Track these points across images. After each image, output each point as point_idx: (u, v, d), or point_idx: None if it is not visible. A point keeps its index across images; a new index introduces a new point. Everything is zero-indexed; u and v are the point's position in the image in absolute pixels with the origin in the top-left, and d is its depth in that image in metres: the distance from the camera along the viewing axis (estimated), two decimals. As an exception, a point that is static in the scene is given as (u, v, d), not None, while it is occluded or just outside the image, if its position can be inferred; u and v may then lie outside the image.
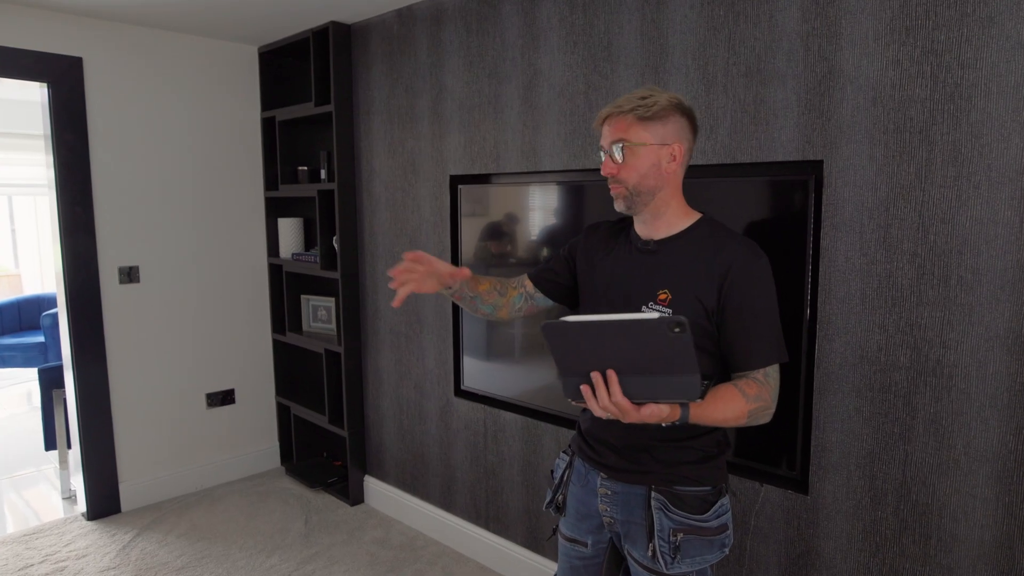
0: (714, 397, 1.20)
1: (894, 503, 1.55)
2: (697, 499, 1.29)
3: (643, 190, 1.26)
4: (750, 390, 1.22)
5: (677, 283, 1.27)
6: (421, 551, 2.64)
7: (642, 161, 1.25)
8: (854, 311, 1.57)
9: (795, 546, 1.72)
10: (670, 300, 1.27)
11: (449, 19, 2.42)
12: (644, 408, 1.08)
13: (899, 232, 1.49)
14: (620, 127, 1.25)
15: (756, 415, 1.23)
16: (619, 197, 1.30)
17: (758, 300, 1.24)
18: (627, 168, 1.26)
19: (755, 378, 1.23)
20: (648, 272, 1.31)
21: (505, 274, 2.14)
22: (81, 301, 2.80)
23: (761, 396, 1.23)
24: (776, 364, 1.25)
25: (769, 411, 1.24)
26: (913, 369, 1.50)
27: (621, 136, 1.25)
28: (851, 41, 1.52)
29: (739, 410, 1.21)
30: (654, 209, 1.29)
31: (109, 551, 2.63)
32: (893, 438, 1.54)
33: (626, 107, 1.24)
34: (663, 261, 1.30)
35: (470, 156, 2.41)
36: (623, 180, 1.27)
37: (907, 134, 1.47)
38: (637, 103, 1.23)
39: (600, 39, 1.98)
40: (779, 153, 1.66)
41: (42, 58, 2.63)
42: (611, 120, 1.27)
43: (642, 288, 1.30)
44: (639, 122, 1.24)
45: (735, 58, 1.71)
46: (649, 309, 1.27)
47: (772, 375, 1.25)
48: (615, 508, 1.36)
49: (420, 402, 2.75)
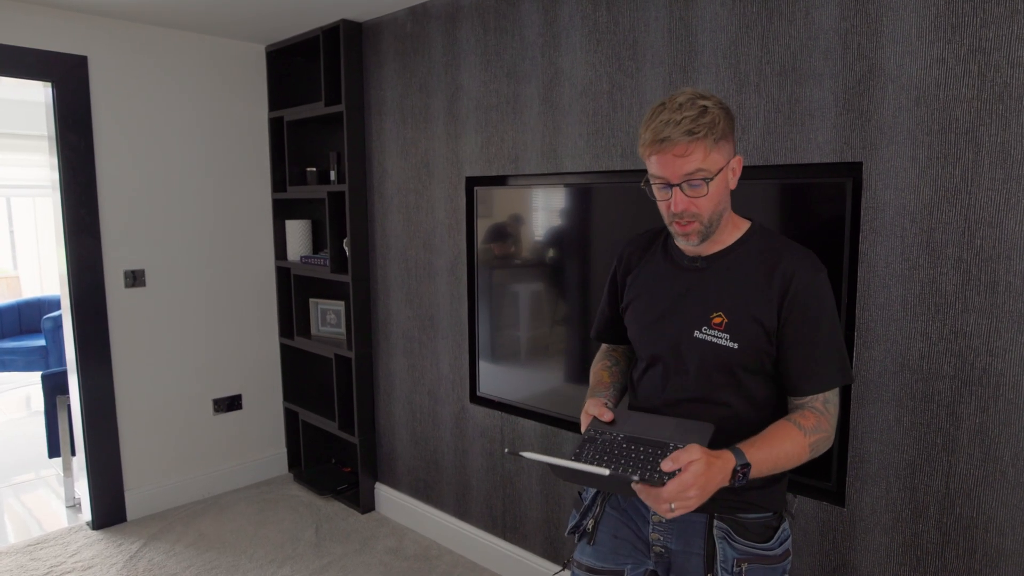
0: (768, 436, 1.10)
1: (936, 516, 1.50)
2: (761, 526, 1.21)
3: (716, 217, 1.15)
4: (807, 422, 1.12)
5: (732, 303, 1.16)
6: (436, 561, 2.58)
7: (719, 188, 1.12)
8: (895, 318, 1.52)
9: (830, 559, 1.67)
10: (726, 324, 1.16)
11: (465, 17, 2.36)
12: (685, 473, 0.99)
13: (943, 236, 1.44)
14: (697, 157, 1.08)
15: (817, 447, 1.14)
16: (692, 234, 1.14)
17: (821, 317, 1.14)
18: (707, 200, 1.11)
19: (813, 407, 1.14)
20: (699, 293, 1.19)
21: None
22: (86, 305, 2.74)
23: (820, 427, 1.13)
24: (837, 388, 1.16)
25: (830, 440, 1.15)
26: (958, 378, 1.45)
27: (699, 167, 1.08)
28: (893, 39, 1.47)
29: (799, 445, 1.11)
30: (718, 231, 1.18)
31: (116, 562, 2.57)
32: (936, 449, 1.49)
33: (700, 132, 1.06)
34: (714, 280, 1.18)
35: (487, 157, 2.36)
36: (699, 215, 1.12)
37: (952, 135, 1.42)
38: (706, 124, 1.06)
39: (625, 37, 1.93)
40: (815, 155, 1.61)
41: (46, 57, 2.57)
42: (679, 148, 1.08)
43: (693, 312, 1.19)
44: (716, 146, 1.09)
45: (768, 56, 1.66)
46: (703, 335, 1.17)
47: (832, 400, 1.16)
48: (670, 537, 1.24)
49: (434, 408, 2.69)
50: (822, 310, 1.14)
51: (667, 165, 1.10)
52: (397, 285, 2.80)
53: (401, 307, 2.79)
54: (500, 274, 2.38)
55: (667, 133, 1.08)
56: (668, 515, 1.01)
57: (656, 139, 1.09)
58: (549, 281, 2.23)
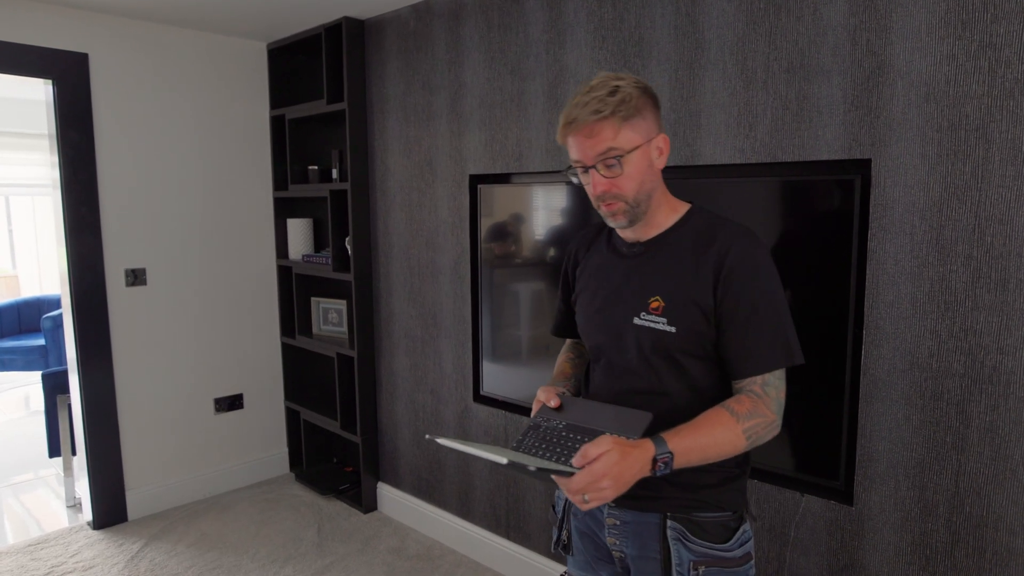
0: (696, 423, 1.05)
1: (946, 515, 1.50)
2: (719, 526, 1.14)
3: (642, 198, 1.12)
4: (741, 407, 1.06)
5: (670, 287, 1.13)
6: (439, 561, 2.57)
7: (638, 166, 1.09)
8: (904, 316, 1.51)
9: (838, 558, 1.66)
10: (663, 308, 1.12)
11: (469, 14, 2.35)
12: (597, 463, 0.96)
13: (953, 234, 1.44)
14: (606, 136, 1.07)
15: (756, 434, 1.07)
16: (619, 214, 1.12)
17: (757, 294, 1.08)
18: (625, 179, 1.09)
19: (750, 391, 1.08)
20: (638, 279, 1.17)
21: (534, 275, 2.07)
22: (87, 304, 2.72)
23: (757, 411, 1.07)
24: (779, 370, 1.09)
25: (773, 426, 1.09)
26: (968, 376, 1.44)
27: (609, 146, 1.07)
28: (902, 35, 1.46)
29: (731, 432, 1.05)
30: (648, 213, 1.15)
31: (117, 562, 2.56)
32: (945, 448, 1.48)
33: (606, 111, 1.05)
34: (652, 264, 1.16)
35: (491, 155, 2.34)
36: (621, 195, 1.10)
37: (962, 131, 1.41)
38: (614, 103, 1.05)
39: (631, 34, 1.92)
40: (823, 152, 1.60)
41: (47, 54, 2.55)
42: (586, 129, 1.07)
43: (633, 299, 1.16)
44: (625, 123, 1.06)
45: (776, 53, 1.65)
46: (642, 320, 1.14)
47: (773, 383, 1.09)
48: (625, 541, 1.19)
49: (437, 408, 2.68)
50: (759, 287, 1.08)
51: (580, 147, 1.10)
52: (400, 284, 2.79)
53: (404, 306, 2.78)
54: (504, 273, 2.37)
55: (575, 114, 1.08)
56: (584, 507, 0.99)
57: (566, 122, 1.09)
58: (552, 280, 2.22)
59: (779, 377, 1.10)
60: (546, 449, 1.12)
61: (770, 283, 1.10)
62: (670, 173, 1.88)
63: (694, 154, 1.82)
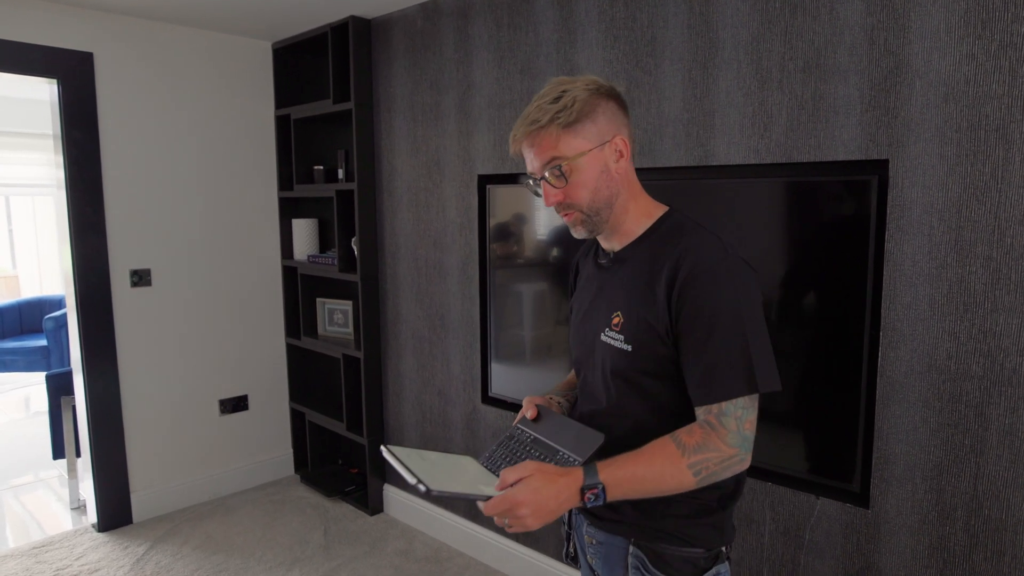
0: (637, 454, 0.95)
1: (964, 518, 1.49)
2: (686, 563, 1.04)
3: (600, 205, 1.04)
4: (691, 439, 0.95)
5: (628, 301, 1.05)
6: (447, 563, 2.56)
7: (587, 173, 1.02)
8: (921, 318, 1.50)
9: (854, 561, 1.65)
10: (622, 324, 1.04)
11: (477, 13, 2.34)
12: (518, 489, 0.91)
13: (972, 235, 1.42)
14: (547, 145, 1.01)
15: (707, 469, 0.95)
16: (577, 223, 1.06)
17: (714, 310, 0.96)
18: (574, 188, 1.02)
19: (705, 421, 0.96)
20: (607, 293, 1.10)
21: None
22: (91, 305, 2.70)
23: (708, 444, 0.94)
24: (741, 398, 0.95)
25: (732, 461, 0.96)
26: (987, 379, 1.43)
27: (552, 155, 1.01)
28: (920, 35, 1.45)
29: (674, 466, 0.94)
30: (614, 221, 1.07)
31: (123, 564, 2.54)
32: (964, 450, 1.47)
33: (544, 119, 1.00)
34: (617, 276, 1.09)
35: (500, 155, 2.33)
36: (574, 204, 1.04)
37: (982, 132, 1.40)
38: (554, 110, 1.00)
39: (643, 33, 1.91)
40: (840, 152, 1.58)
41: (52, 53, 2.53)
42: (527, 140, 1.03)
43: (600, 313, 1.10)
44: (566, 130, 1.00)
45: (792, 52, 1.64)
46: (606, 337, 1.07)
47: (732, 413, 0.95)
48: (598, 561, 1.14)
49: (444, 409, 2.67)
50: (717, 302, 0.96)
51: (527, 159, 1.05)
52: (407, 284, 2.77)
53: (411, 306, 2.77)
54: (512, 273, 2.35)
55: (521, 130, 1.03)
56: (509, 530, 0.95)
57: (511, 138, 1.05)
58: (563, 281, 2.21)
59: (742, 407, 0.96)
60: (511, 462, 1.10)
61: (733, 298, 0.97)
62: (683, 174, 1.88)
63: (707, 154, 1.81)
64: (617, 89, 1.07)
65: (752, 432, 0.98)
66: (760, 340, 0.98)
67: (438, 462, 1.08)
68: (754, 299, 0.99)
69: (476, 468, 1.12)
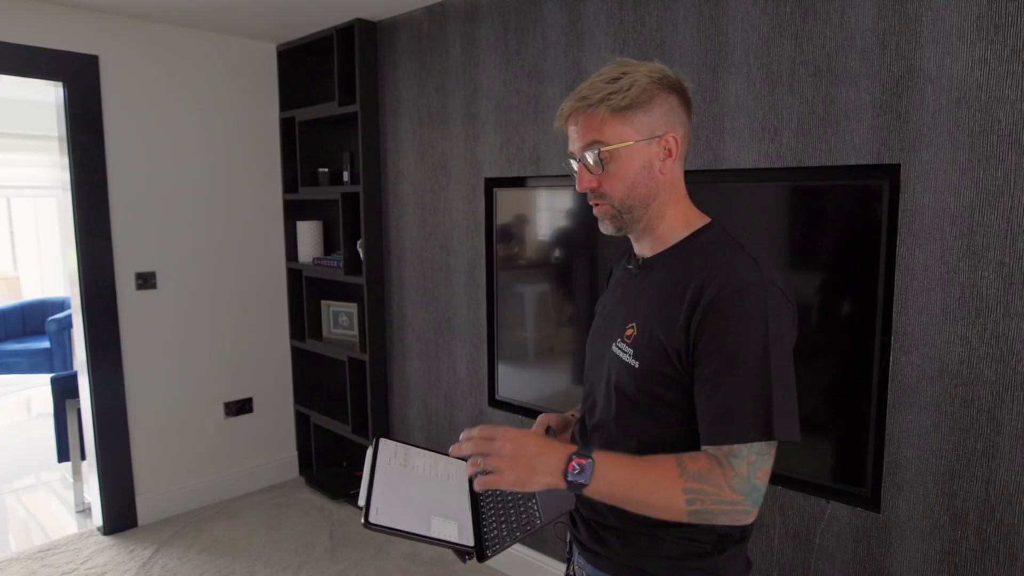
0: (637, 458, 0.88)
1: (976, 522, 1.49)
2: None
3: (634, 203, 0.96)
4: (695, 464, 0.85)
5: (645, 314, 0.97)
6: (453, 567, 2.55)
7: (628, 166, 0.94)
8: (933, 322, 1.50)
9: (864, 566, 1.65)
10: (634, 337, 0.97)
11: (485, 16, 2.34)
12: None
13: (984, 240, 1.42)
14: (591, 126, 0.94)
15: (703, 503, 0.84)
16: (605, 217, 0.99)
17: (739, 341, 0.86)
18: (610, 178, 0.95)
19: (713, 454, 0.86)
20: (628, 301, 1.03)
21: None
22: (97, 308, 2.70)
23: (710, 478, 0.84)
24: (755, 444, 0.85)
25: (731, 507, 0.85)
26: (999, 383, 1.43)
27: (594, 137, 0.94)
28: (932, 39, 1.45)
29: (670, 484, 0.84)
30: (647, 224, 0.99)
31: (129, 568, 2.54)
32: (976, 455, 1.47)
33: (594, 97, 0.93)
34: (642, 286, 1.01)
35: (507, 158, 2.33)
36: (607, 195, 0.96)
37: (994, 137, 1.40)
38: (607, 91, 0.92)
39: (652, 37, 1.91)
40: (851, 156, 1.58)
41: (57, 56, 2.53)
42: (576, 117, 0.96)
43: (617, 321, 1.03)
44: (615, 115, 0.93)
45: (802, 56, 1.64)
46: (616, 348, 1.00)
47: (744, 457, 0.85)
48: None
49: (450, 412, 2.67)
50: (744, 333, 0.86)
51: (570, 137, 0.99)
52: (412, 287, 2.77)
53: (417, 309, 2.76)
54: (520, 275, 2.35)
55: (569, 104, 0.96)
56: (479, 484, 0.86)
57: (558, 113, 0.99)
58: (571, 283, 2.21)
59: (757, 452, 0.85)
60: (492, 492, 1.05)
61: (760, 329, 0.86)
62: (693, 178, 1.86)
63: (717, 158, 1.81)
64: (685, 83, 0.99)
65: (764, 483, 0.86)
66: (784, 381, 0.87)
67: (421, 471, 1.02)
68: (784, 334, 0.88)
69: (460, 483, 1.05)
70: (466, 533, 0.94)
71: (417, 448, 1.08)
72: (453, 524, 0.93)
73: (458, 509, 0.99)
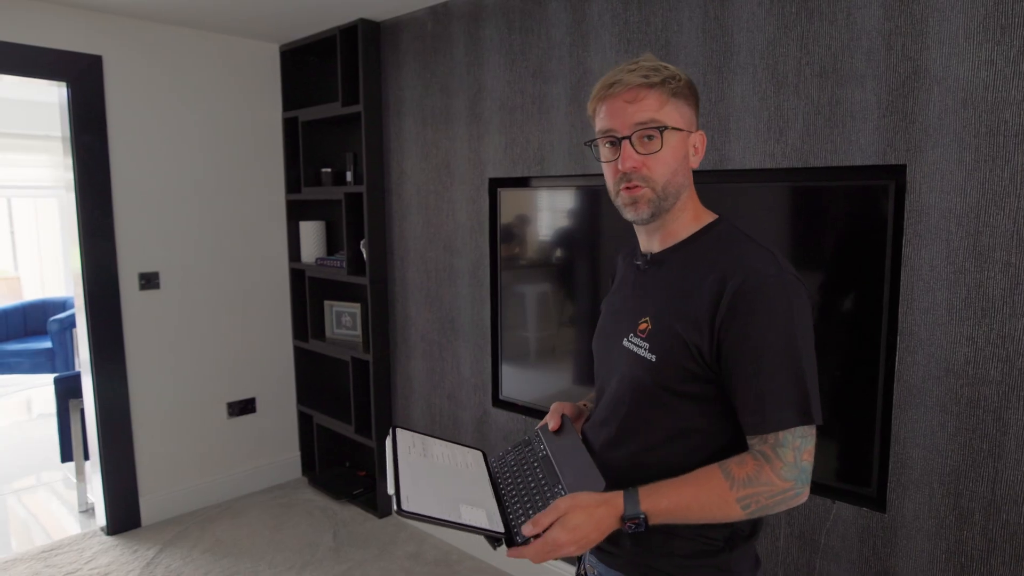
0: (682, 481, 0.90)
1: (982, 522, 1.49)
2: None
3: (671, 190, 0.97)
4: (741, 471, 0.89)
5: (660, 307, 0.97)
6: (457, 566, 2.56)
7: (675, 152, 0.95)
8: (939, 322, 1.50)
9: (870, 566, 1.65)
10: (649, 331, 0.97)
11: (489, 16, 2.34)
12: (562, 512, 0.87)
13: (991, 240, 1.43)
14: (650, 105, 0.93)
15: (757, 503, 0.88)
16: (643, 201, 0.96)
17: (768, 333, 0.88)
18: (657, 161, 0.94)
19: (759, 452, 0.90)
20: (639, 295, 1.03)
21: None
22: (100, 308, 2.70)
23: (760, 478, 0.88)
24: (798, 428, 0.89)
25: (785, 496, 0.89)
26: (1005, 383, 1.43)
27: (653, 116, 0.93)
28: (939, 40, 1.46)
29: (720, 498, 0.88)
30: (671, 215, 1.00)
31: (133, 568, 2.54)
32: (982, 455, 1.48)
33: (656, 79, 0.93)
34: (654, 279, 1.02)
35: (511, 158, 2.33)
36: (651, 178, 0.95)
37: (1001, 137, 1.40)
38: (667, 74, 0.94)
39: (657, 37, 1.91)
40: (857, 157, 1.59)
41: (61, 56, 2.53)
42: (630, 93, 0.94)
43: (628, 317, 1.03)
44: (673, 98, 0.95)
45: (808, 57, 1.64)
46: (629, 343, 1.01)
47: (790, 444, 0.88)
48: None
49: (454, 412, 2.67)
50: (770, 325, 0.88)
51: (616, 113, 0.95)
52: (416, 287, 2.77)
53: (420, 309, 2.76)
54: (525, 275, 2.35)
55: (618, 77, 0.95)
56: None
57: (607, 84, 0.96)
58: (575, 283, 2.21)
59: (800, 435, 0.89)
60: (515, 475, 1.07)
61: (787, 320, 0.89)
62: (698, 178, 1.86)
63: (722, 159, 1.81)
64: None
65: (810, 464, 0.90)
66: (812, 366, 0.92)
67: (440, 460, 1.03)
68: (807, 321, 0.92)
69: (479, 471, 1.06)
70: (495, 519, 0.96)
71: (432, 438, 1.09)
72: (481, 511, 0.95)
73: (483, 496, 1.01)
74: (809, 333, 0.92)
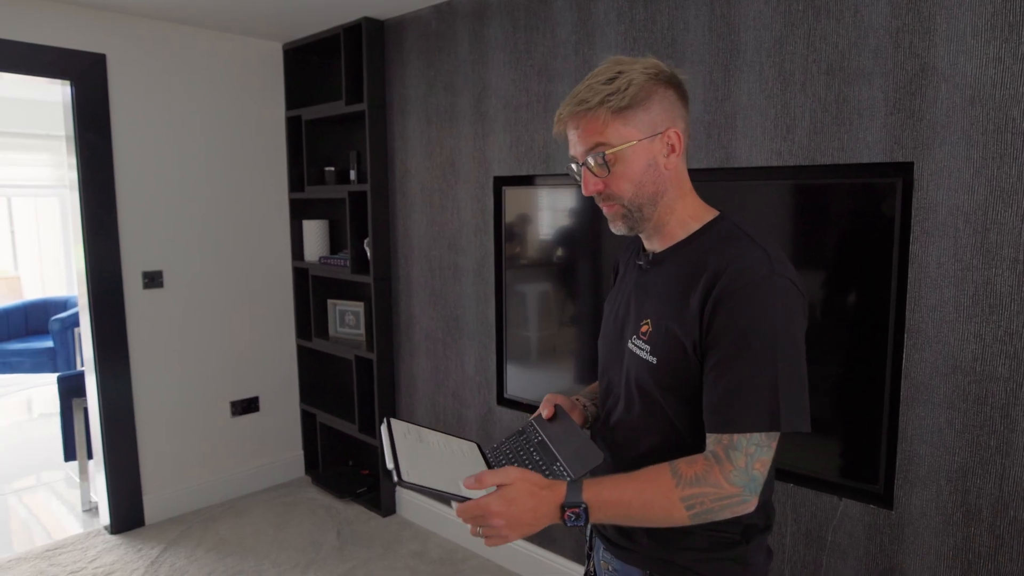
0: (629, 477, 0.89)
1: (989, 519, 1.49)
2: None
3: (643, 201, 0.97)
4: (690, 470, 0.87)
5: (659, 310, 0.97)
6: (461, 564, 2.56)
7: (633, 165, 0.94)
8: (947, 320, 1.51)
9: (877, 563, 1.66)
10: (650, 333, 0.98)
11: (494, 14, 2.34)
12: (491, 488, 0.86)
13: (998, 237, 1.43)
14: (593, 129, 0.93)
15: (702, 505, 0.86)
16: (616, 218, 0.99)
17: (748, 331, 0.87)
18: (616, 180, 0.95)
19: (711, 452, 0.88)
20: (640, 297, 1.03)
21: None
22: (104, 307, 2.70)
23: (707, 479, 0.86)
24: (755, 435, 0.86)
25: (731, 501, 0.87)
26: (1013, 380, 1.44)
27: (597, 140, 0.94)
28: (946, 37, 1.46)
29: (665, 497, 0.86)
30: (658, 220, 0.99)
31: (137, 567, 2.53)
32: (989, 451, 1.48)
33: (593, 100, 0.92)
34: (653, 281, 1.01)
35: (516, 156, 2.33)
36: (615, 196, 0.97)
37: (1008, 135, 1.40)
38: (605, 92, 0.91)
39: (663, 35, 1.91)
40: (864, 155, 1.59)
41: (65, 55, 2.53)
42: (573, 120, 0.95)
43: (630, 319, 1.04)
44: (616, 116, 0.92)
45: (815, 55, 1.64)
46: (632, 345, 1.01)
47: (742, 449, 0.86)
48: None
49: (459, 411, 2.67)
50: (753, 323, 0.87)
51: (571, 141, 0.98)
52: (420, 286, 2.77)
53: (424, 308, 2.76)
54: (530, 273, 2.36)
55: (568, 108, 0.95)
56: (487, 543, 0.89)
57: (556, 117, 0.98)
58: (581, 281, 2.21)
59: (756, 443, 0.87)
60: (513, 459, 1.08)
61: (770, 320, 0.87)
62: (704, 176, 1.88)
63: (729, 157, 1.81)
64: (680, 76, 0.98)
65: (762, 474, 0.88)
66: (793, 372, 0.88)
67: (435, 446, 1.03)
68: (795, 326, 0.89)
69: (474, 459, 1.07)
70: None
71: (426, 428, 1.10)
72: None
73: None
74: (796, 338, 0.90)
